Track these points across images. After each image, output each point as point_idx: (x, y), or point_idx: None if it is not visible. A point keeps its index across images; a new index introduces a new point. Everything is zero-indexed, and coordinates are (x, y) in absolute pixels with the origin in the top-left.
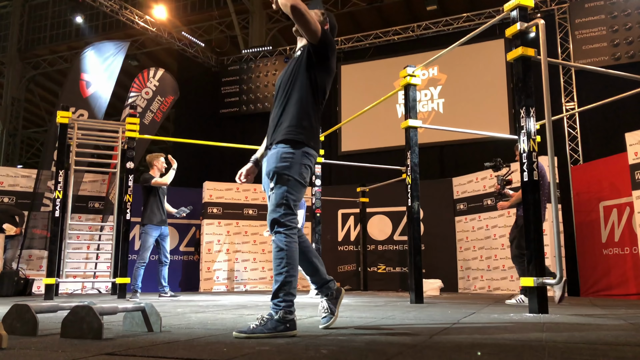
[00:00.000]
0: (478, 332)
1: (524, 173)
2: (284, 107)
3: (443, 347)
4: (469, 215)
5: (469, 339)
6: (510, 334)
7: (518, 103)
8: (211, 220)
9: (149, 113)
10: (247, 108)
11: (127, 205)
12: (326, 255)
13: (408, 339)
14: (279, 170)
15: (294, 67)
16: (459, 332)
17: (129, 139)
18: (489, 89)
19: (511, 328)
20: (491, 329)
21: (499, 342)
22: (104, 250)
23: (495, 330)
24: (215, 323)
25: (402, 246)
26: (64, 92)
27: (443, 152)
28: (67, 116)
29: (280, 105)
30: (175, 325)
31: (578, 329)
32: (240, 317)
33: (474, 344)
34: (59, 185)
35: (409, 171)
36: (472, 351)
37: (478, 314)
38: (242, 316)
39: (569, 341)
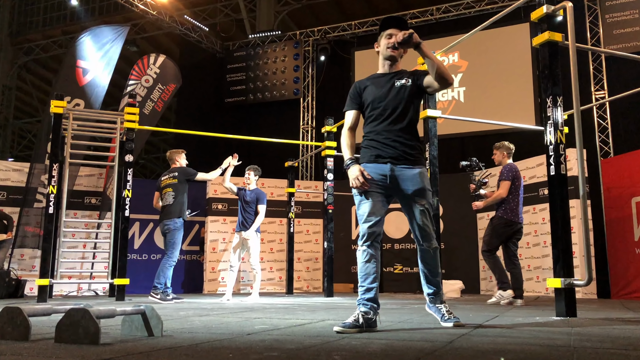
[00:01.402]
0: (501, 336)
1: (550, 167)
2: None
3: (464, 353)
4: (491, 212)
5: (492, 344)
6: (535, 339)
7: (544, 92)
8: (216, 217)
9: (149, 102)
10: (255, 97)
11: (126, 201)
12: (339, 255)
13: (427, 344)
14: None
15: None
16: (481, 336)
17: (127, 130)
18: (513, 77)
19: (537, 332)
20: (515, 333)
21: (524, 347)
22: (101, 249)
23: (519, 334)
24: (220, 327)
25: None
26: (59, 80)
27: (464, 144)
28: (62, 106)
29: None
30: (177, 330)
31: (609, 334)
32: (246, 321)
33: (496, 349)
34: (52, 179)
35: (428, 164)
36: (495, 357)
37: (501, 317)
38: (249, 320)
39: (599, 346)
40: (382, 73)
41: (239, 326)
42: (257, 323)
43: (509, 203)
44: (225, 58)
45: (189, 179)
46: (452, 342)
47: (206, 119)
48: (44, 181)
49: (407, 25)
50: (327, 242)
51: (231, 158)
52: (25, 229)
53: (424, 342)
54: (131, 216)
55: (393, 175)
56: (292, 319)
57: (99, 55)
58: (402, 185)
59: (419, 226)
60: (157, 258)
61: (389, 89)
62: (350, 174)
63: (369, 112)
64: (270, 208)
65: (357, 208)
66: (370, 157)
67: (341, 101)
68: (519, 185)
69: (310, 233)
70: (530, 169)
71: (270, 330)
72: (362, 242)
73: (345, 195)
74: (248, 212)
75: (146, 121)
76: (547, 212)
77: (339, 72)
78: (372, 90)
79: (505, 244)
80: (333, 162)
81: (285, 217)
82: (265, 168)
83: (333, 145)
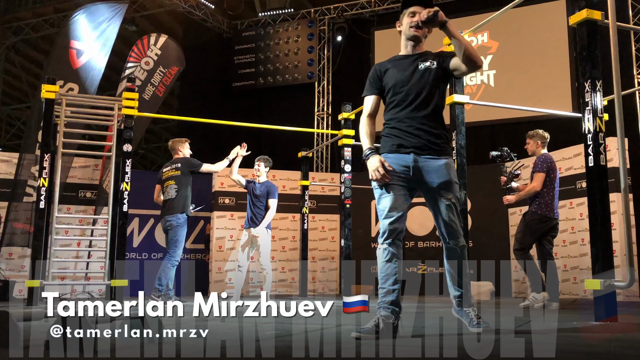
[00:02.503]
0: (535, 342)
1: (589, 157)
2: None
3: None
4: (524, 207)
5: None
6: (572, 346)
7: (582, 75)
8: (222, 212)
9: (150, 87)
10: (265, 81)
11: (125, 194)
12: (357, 254)
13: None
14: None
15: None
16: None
17: (126, 117)
18: (548, 59)
19: (574, 338)
20: (550, 339)
21: (560, 355)
22: (97, 248)
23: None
24: (227, 333)
25: None
26: (51, 62)
27: (494, 132)
28: (54, 90)
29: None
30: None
31: None
32: (255, 326)
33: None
34: (44, 171)
35: (455, 154)
36: None
37: (535, 321)
38: (258, 324)
39: None
40: (405, 55)
41: (248, 332)
42: (267, 328)
43: (543, 197)
44: (232, 38)
45: (193, 170)
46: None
47: (212, 105)
48: (35, 173)
49: (431, 3)
50: (344, 239)
51: (239, 148)
52: (13, 225)
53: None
54: (130, 211)
55: (417, 166)
56: (306, 324)
57: (95, 35)
58: (426, 178)
59: (445, 222)
60: (159, 257)
61: (412, 72)
62: (370, 165)
63: (390, 98)
64: (282, 202)
65: (377, 203)
66: (391, 146)
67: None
68: (555, 178)
69: (326, 230)
70: (566, 159)
71: (281, 336)
72: (382, 240)
73: (364, 189)
74: (258, 206)
75: (146, 107)
76: (585, 207)
77: (358, 53)
78: (393, 74)
79: (540, 241)
80: (351, 152)
81: (299, 213)
82: (277, 159)
83: (351, 134)
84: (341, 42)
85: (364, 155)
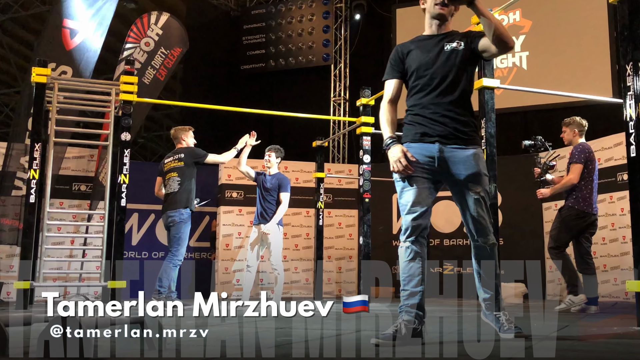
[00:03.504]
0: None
1: (631, 147)
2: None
3: None
4: (559, 201)
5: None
6: (612, 353)
7: (623, 57)
8: (230, 207)
9: (150, 70)
10: (276, 63)
11: (123, 187)
12: (377, 252)
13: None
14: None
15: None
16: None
17: (124, 102)
18: (586, 39)
19: (614, 345)
20: (589, 346)
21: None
22: (92, 246)
23: (593, 347)
24: (235, 339)
25: None
26: (42, 43)
27: (527, 120)
28: (46, 74)
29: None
30: (183, 342)
31: None
32: (266, 332)
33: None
34: (34, 162)
35: (484, 144)
36: None
37: (572, 326)
38: (269, 330)
39: None
40: (429, 35)
41: (257, 339)
42: (279, 334)
43: (581, 190)
44: (241, 17)
45: (197, 161)
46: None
47: (218, 90)
48: (24, 164)
49: None
50: (363, 237)
51: (248, 137)
52: (1, 221)
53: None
54: (128, 206)
55: (442, 157)
56: (321, 330)
57: (90, 13)
58: (453, 170)
59: (473, 218)
60: (160, 256)
61: (437, 54)
62: (391, 155)
63: (414, 82)
64: (295, 196)
65: (399, 197)
66: (414, 135)
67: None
68: (593, 169)
69: (343, 226)
70: (606, 149)
71: (295, 343)
72: (405, 238)
73: (385, 181)
74: (268, 201)
75: (146, 92)
76: (626, 201)
77: (378, 33)
78: (417, 56)
79: (577, 239)
80: (370, 142)
81: (313, 208)
82: (289, 149)
83: (370, 121)
84: (360, 20)
85: (384, 145)
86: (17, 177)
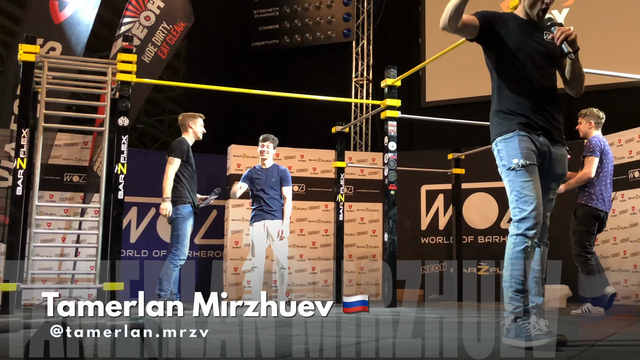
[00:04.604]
0: None
1: None
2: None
3: None
4: None
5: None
6: None
7: None
8: (240, 200)
9: (151, 47)
10: (291, 40)
11: (120, 178)
12: (404, 250)
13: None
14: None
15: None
16: None
17: (121, 83)
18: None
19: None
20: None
21: None
22: (86, 244)
23: None
24: (245, 347)
25: None
26: (28, 16)
27: (571, 103)
28: (34, 51)
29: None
30: (187, 350)
31: None
32: (280, 339)
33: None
34: (21, 150)
35: None
36: None
37: (621, 334)
38: (283, 337)
39: None
40: (528, 20)
41: (270, 346)
42: (294, 342)
43: (593, 186)
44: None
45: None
46: None
47: (226, 70)
48: (10, 152)
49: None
50: (387, 234)
51: None
52: None
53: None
54: (126, 199)
55: (547, 151)
56: (340, 337)
57: None
58: (553, 167)
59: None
60: (162, 255)
61: (540, 44)
62: None
63: (509, 62)
64: (313, 188)
65: (516, 186)
66: (518, 125)
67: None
68: (607, 164)
69: (366, 222)
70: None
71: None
72: (526, 229)
73: (412, 171)
74: (272, 196)
75: (147, 72)
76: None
77: (405, 6)
78: (516, 34)
79: None
80: (396, 127)
81: (332, 201)
82: (306, 135)
83: (396, 104)
84: None
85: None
86: (1, 166)
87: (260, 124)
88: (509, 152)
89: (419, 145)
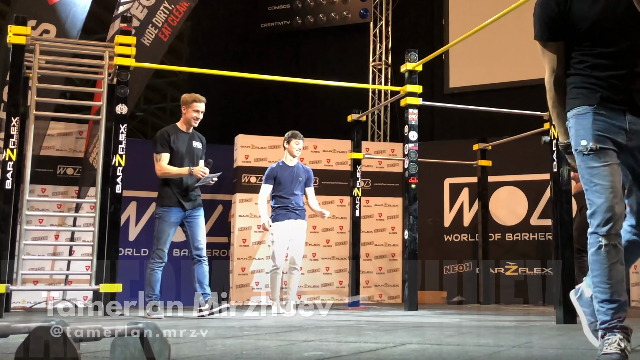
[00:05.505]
0: None
1: None
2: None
3: None
4: None
5: None
6: None
7: None
8: (247, 194)
9: (152, 28)
10: (303, 21)
11: (118, 171)
12: (426, 249)
13: None
14: None
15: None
16: None
17: (119, 68)
18: None
19: None
20: None
21: None
22: (81, 242)
23: None
24: (254, 354)
25: (545, 235)
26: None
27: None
28: (25, 33)
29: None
30: (191, 357)
31: None
32: (291, 345)
33: None
34: (11, 140)
35: None
36: None
37: None
38: (295, 343)
39: None
40: None
41: (281, 353)
42: (307, 348)
43: None
44: None
45: None
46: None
47: (233, 53)
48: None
49: None
50: (408, 231)
51: None
52: None
53: None
54: (125, 193)
55: (634, 129)
56: (358, 343)
57: None
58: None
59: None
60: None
61: (614, 3)
62: None
63: (582, 35)
64: (327, 182)
65: (586, 174)
66: (596, 100)
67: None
68: None
69: (384, 218)
70: None
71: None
72: (604, 229)
73: (435, 163)
74: (298, 194)
75: (148, 56)
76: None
77: None
78: (587, 7)
79: None
80: (417, 115)
81: (348, 195)
82: (320, 124)
83: (417, 91)
84: None
85: (562, 148)
86: None
87: (270, 112)
88: (578, 131)
89: (442, 135)
